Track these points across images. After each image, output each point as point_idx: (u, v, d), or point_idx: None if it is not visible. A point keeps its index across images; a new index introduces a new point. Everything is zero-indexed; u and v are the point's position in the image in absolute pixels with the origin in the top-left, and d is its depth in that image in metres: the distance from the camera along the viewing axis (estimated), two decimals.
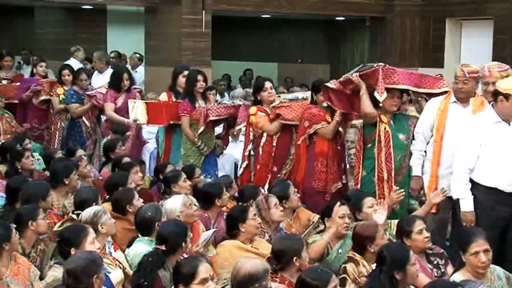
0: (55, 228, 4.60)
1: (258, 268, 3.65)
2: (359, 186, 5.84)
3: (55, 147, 8.12)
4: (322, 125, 6.18)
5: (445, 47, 11.75)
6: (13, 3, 13.73)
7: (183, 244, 4.16)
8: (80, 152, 7.09)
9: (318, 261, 4.64)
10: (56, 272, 3.94)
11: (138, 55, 11.79)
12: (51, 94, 8.47)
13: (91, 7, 12.70)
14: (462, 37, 11.84)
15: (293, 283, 4.00)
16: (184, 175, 5.83)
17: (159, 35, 10.96)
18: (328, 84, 6.07)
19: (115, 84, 7.82)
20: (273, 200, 5.18)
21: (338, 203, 4.95)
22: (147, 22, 11.34)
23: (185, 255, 4.19)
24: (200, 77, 7.10)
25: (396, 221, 5.01)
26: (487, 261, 4.05)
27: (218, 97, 9.91)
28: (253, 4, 11.36)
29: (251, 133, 6.73)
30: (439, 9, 11.75)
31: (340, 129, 6.27)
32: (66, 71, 8.54)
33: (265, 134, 6.62)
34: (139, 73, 11.22)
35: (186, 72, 7.28)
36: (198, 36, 10.60)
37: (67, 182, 5.62)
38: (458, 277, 4.01)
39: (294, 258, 4.08)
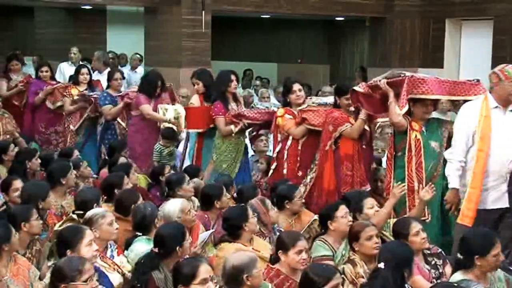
0: (56, 228, 4.58)
1: (243, 259, 3.77)
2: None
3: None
4: (346, 126, 6.08)
5: (444, 47, 11.67)
6: (13, 3, 13.70)
7: (178, 248, 4.13)
8: (76, 153, 7.11)
9: None
10: None
11: (138, 56, 11.74)
12: (65, 94, 8.22)
13: (91, 7, 12.67)
14: (462, 37, 11.74)
15: (288, 278, 4.10)
16: (187, 178, 5.80)
17: (159, 35, 10.90)
18: (356, 88, 5.93)
19: (147, 90, 7.52)
20: (269, 202, 5.21)
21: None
22: (147, 22, 11.28)
23: (186, 257, 4.17)
24: (233, 77, 6.98)
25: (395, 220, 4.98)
26: None
27: None
28: (253, 4, 11.31)
29: (279, 135, 6.57)
30: (439, 9, 11.68)
31: (366, 127, 6.13)
32: (85, 70, 8.29)
33: (290, 137, 6.48)
34: (139, 74, 11.13)
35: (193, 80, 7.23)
36: (198, 36, 10.54)
37: (64, 182, 5.64)
38: (459, 276, 4.01)
39: (280, 252, 4.17)
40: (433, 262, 4.58)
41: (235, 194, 5.90)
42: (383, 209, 5.09)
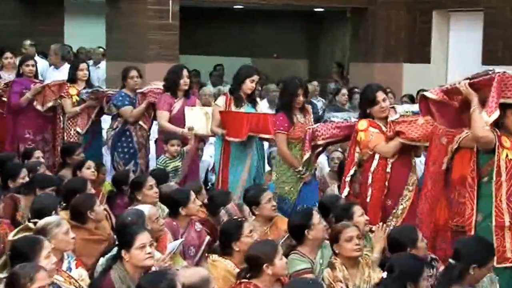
0: (10, 237, 4.48)
1: (193, 280, 3.73)
2: (472, 232, 4.76)
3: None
4: (466, 132, 5.03)
5: (432, 41, 11.53)
6: None
7: (123, 250, 4.13)
8: (37, 153, 6.91)
9: None
10: None
11: (101, 50, 11.53)
12: (63, 95, 7.60)
13: None
14: (450, 31, 11.62)
15: None
16: (150, 182, 5.67)
17: (122, 27, 10.56)
18: (427, 94, 5.01)
19: (170, 86, 7.02)
20: (247, 208, 5.33)
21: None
22: (109, 13, 10.93)
23: (155, 270, 4.12)
24: (300, 91, 6.24)
25: None
26: None
27: None
28: None
29: (356, 154, 5.72)
30: (425, 0, 11.54)
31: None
32: (84, 65, 7.81)
33: (377, 157, 5.61)
34: (102, 69, 11.00)
35: (255, 77, 6.63)
36: (165, 29, 10.30)
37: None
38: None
39: (265, 265, 4.09)
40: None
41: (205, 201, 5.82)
42: (372, 257, 4.71)
